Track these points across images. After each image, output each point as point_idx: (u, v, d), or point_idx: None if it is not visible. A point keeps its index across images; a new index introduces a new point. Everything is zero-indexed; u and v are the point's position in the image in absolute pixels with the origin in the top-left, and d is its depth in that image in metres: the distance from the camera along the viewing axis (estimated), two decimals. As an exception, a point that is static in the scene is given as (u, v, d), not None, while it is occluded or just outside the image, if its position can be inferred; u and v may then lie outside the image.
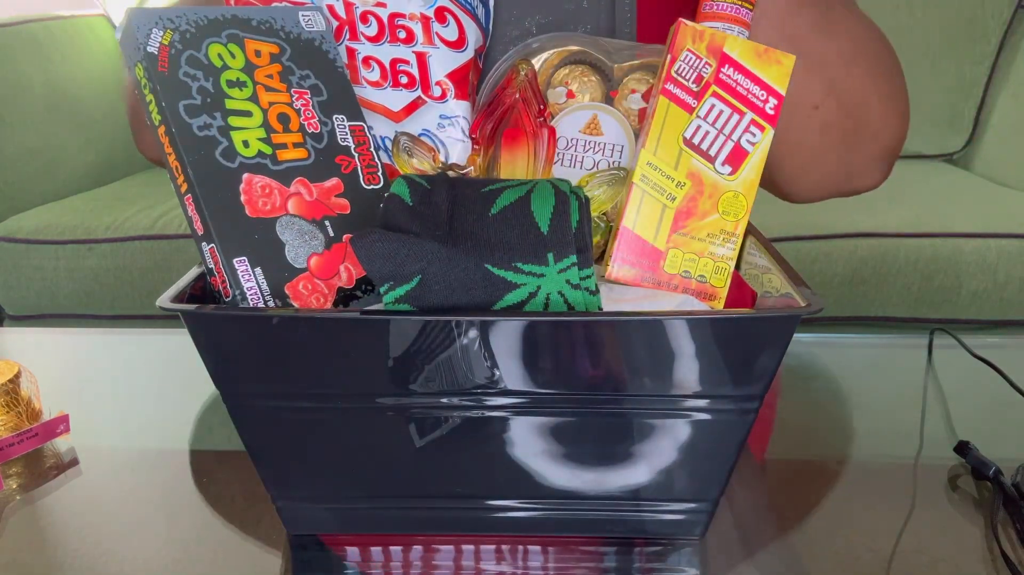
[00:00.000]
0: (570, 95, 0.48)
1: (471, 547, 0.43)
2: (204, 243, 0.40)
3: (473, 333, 0.35)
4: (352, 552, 0.43)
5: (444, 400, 0.38)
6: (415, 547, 0.43)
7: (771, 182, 0.58)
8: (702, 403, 0.38)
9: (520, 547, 0.43)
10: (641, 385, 0.37)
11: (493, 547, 0.43)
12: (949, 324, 1.18)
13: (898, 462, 0.51)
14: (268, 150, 0.41)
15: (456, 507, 0.42)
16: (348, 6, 0.47)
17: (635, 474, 0.40)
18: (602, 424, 0.39)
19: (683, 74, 0.42)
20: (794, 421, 0.57)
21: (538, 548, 0.43)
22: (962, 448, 0.50)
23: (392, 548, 0.43)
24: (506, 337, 0.36)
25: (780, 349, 0.36)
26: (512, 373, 0.37)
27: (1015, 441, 0.53)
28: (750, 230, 0.47)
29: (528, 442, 0.39)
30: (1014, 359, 0.62)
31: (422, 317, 0.35)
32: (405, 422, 0.39)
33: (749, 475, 0.50)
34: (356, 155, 0.44)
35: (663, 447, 0.39)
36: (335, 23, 0.47)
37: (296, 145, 0.42)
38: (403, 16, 0.47)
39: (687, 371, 0.36)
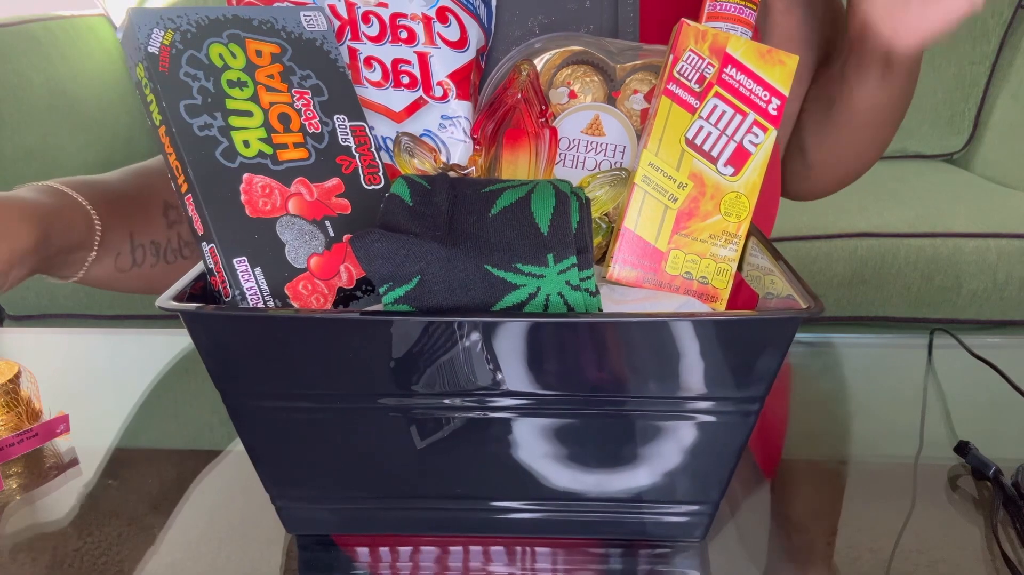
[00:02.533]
0: (572, 95, 0.48)
1: (471, 548, 0.43)
2: (204, 243, 0.40)
3: (472, 334, 0.35)
4: (351, 552, 0.43)
5: (443, 401, 0.38)
6: (414, 548, 0.43)
7: (805, 175, 0.60)
8: (702, 405, 0.38)
9: (519, 548, 0.43)
10: (641, 387, 0.37)
11: (493, 548, 0.43)
12: (949, 324, 1.18)
13: (898, 462, 0.51)
14: (269, 150, 0.41)
15: (455, 508, 0.42)
16: (350, 6, 0.47)
17: (635, 476, 0.40)
18: (602, 426, 0.39)
19: (685, 74, 0.42)
20: (794, 421, 0.57)
21: (537, 550, 0.43)
22: (962, 448, 0.50)
23: (392, 549, 0.43)
24: (505, 338, 0.36)
25: (781, 351, 0.36)
26: (511, 374, 0.37)
27: (1015, 441, 0.53)
28: (752, 231, 0.47)
29: (527, 443, 0.39)
30: (1014, 359, 0.62)
31: (421, 318, 0.35)
32: (404, 423, 0.39)
33: (748, 476, 0.50)
34: (357, 155, 0.44)
35: (663, 449, 0.39)
36: (337, 23, 0.47)
37: (297, 145, 0.42)
38: (405, 16, 0.47)
39: (687, 373, 0.36)
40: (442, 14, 0.47)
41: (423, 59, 0.48)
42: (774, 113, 0.42)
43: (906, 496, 0.47)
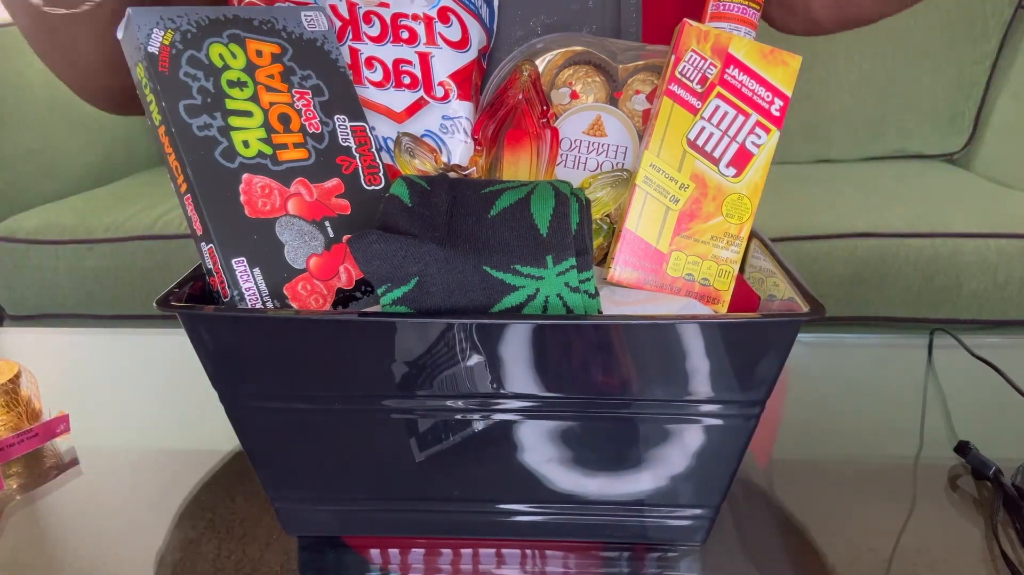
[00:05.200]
0: (574, 96, 0.48)
1: (470, 551, 0.43)
2: (203, 243, 0.40)
3: (470, 336, 0.35)
4: (351, 553, 0.43)
5: (442, 403, 0.38)
6: (413, 550, 0.43)
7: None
8: (703, 408, 0.37)
9: (519, 551, 0.43)
10: (640, 389, 0.37)
11: (492, 551, 0.43)
12: (949, 324, 1.18)
13: (898, 462, 0.51)
14: (268, 150, 0.41)
15: (455, 510, 0.42)
16: (351, 6, 0.47)
17: (635, 479, 0.40)
18: (601, 429, 0.38)
19: (687, 75, 0.42)
20: (794, 421, 0.57)
21: (538, 552, 0.43)
22: (962, 448, 0.50)
23: (390, 551, 0.43)
24: (503, 340, 0.35)
25: (782, 354, 0.36)
26: (509, 376, 0.37)
27: (1015, 441, 0.53)
28: (754, 233, 0.47)
29: (526, 446, 0.39)
30: (1014, 359, 0.62)
31: (419, 319, 0.35)
32: (403, 425, 0.39)
33: (748, 475, 0.50)
34: (357, 155, 0.44)
35: (663, 452, 0.39)
36: (338, 23, 0.47)
37: (297, 145, 0.42)
38: (406, 16, 0.47)
39: (687, 376, 0.36)
40: (443, 14, 0.47)
41: (424, 59, 0.48)
42: (777, 114, 0.42)
43: (906, 496, 0.47)
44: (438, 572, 0.41)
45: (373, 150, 0.45)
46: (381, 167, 0.45)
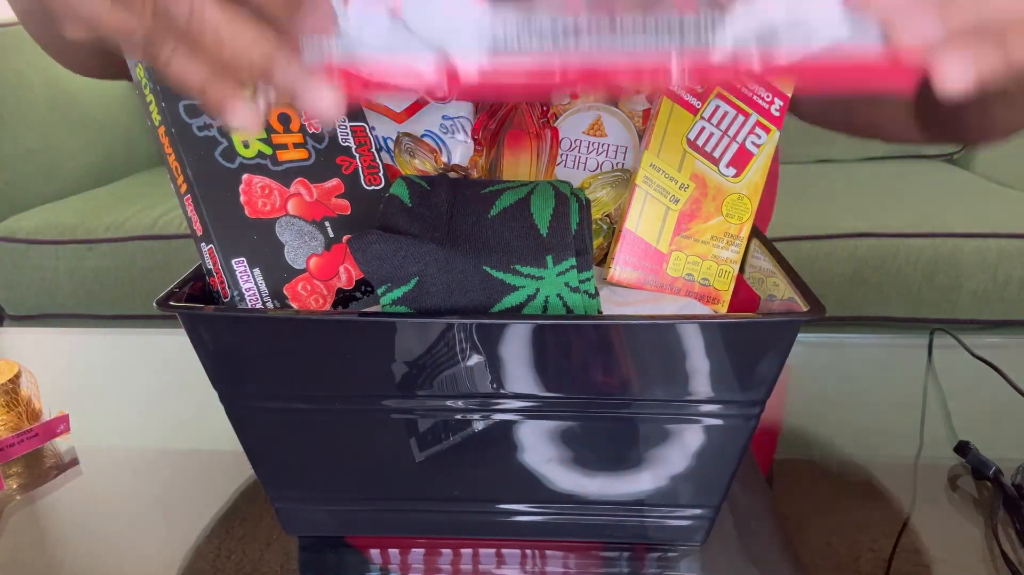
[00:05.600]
0: (574, 96, 0.48)
1: (470, 551, 0.43)
2: (203, 243, 0.40)
3: (470, 336, 0.35)
4: (351, 553, 0.43)
5: (443, 403, 0.38)
6: (413, 550, 0.43)
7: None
8: (703, 408, 0.37)
9: (519, 551, 0.43)
10: (640, 389, 0.37)
11: (492, 551, 0.43)
12: (949, 324, 1.18)
13: (898, 462, 0.51)
14: (268, 150, 0.41)
15: (454, 510, 0.42)
16: (349, 6, 0.47)
17: (635, 479, 0.40)
18: (601, 429, 0.38)
19: (685, 75, 0.42)
20: (794, 421, 0.57)
21: (537, 552, 0.43)
22: (962, 448, 0.50)
23: (390, 550, 0.43)
24: (503, 340, 0.35)
25: (782, 354, 0.36)
26: (509, 376, 0.37)
27: (1015, 441, 0.53)
28: (754, 233, 0.47)
29: (526, 446, 0.39)
30: (1014, 359, 0.62)
31: (419, 319, 0.35)
32: (404, 425, 0.39)
33: (748, 475, 0.50)
34: (357, 155, 0.44)
35: (663, 452, 0.39)
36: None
37: (297, 145, 0.42)
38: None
39: (687, 375, 0.36)
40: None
41: (423, 59, 0.47)
42: (776, 114, 0.42)
43: (906, 496, 0.47)
44: (438, 572, 0.41)
45: (373, 150, 0.45)
46: (381, 167, 0.45)
